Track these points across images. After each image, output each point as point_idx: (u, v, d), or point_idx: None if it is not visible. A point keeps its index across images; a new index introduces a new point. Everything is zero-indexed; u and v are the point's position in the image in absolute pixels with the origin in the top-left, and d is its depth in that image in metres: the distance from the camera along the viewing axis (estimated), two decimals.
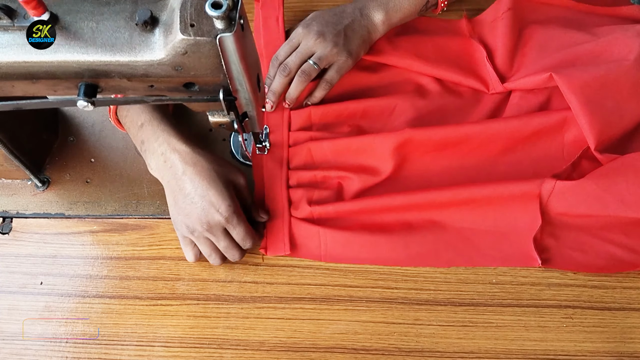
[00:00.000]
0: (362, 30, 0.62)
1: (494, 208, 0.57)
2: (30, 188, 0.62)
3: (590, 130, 0.56)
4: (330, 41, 0.60)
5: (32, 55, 0.40)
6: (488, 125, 0.59)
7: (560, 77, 0.56)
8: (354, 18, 0.62)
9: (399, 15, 0.64)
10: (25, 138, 0.59)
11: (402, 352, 0.53)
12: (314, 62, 0.60)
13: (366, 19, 0.63)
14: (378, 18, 0.63)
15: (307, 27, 0.61)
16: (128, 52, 0.40)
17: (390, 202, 0.57)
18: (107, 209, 0.61)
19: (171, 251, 0.58)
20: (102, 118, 0.66)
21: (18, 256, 0.58)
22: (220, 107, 0.45)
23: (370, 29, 0.63)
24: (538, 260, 0.55)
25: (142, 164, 0.63)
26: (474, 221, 0.57)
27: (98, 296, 0.56)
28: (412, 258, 0.57)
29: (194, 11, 0.38)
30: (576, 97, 0.55)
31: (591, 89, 0.56)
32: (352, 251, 0.57)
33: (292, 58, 0.61)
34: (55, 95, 0.45)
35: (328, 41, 0.60)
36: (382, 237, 0.57)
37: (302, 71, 0.60)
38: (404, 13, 0.64)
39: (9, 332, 0.55)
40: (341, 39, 0.61)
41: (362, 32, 0.62)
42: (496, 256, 0.56)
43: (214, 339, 0.54)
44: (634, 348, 0.53)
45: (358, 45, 0.62)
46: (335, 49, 0.60)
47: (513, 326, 0.54)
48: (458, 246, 0.57)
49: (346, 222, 0.58)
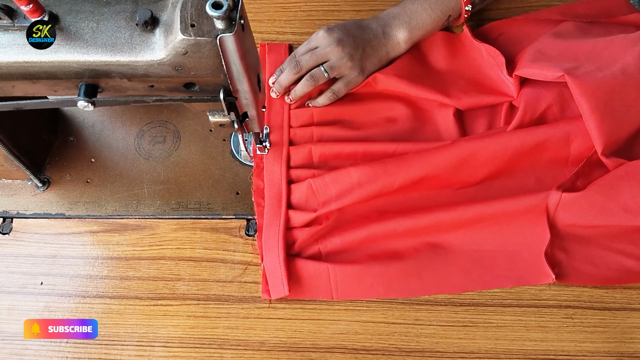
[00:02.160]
0: (381, 50, 0.62)
1: (501, 226, 0.56)
2: (30, 188, 0.62)
3: (599, 135, 0.55)
4: (347, 53, 0.59)
5: (32, 55, 0.40)
6: (492, 141, 0.58)
7: (572, 79, 0.55)
8: (376, 35, 0.61)
9: (421, 32, 0.63)
10: (25, 138, 0.59)
11: (403, 352, 0.53)
12: (324, 70, 0.59)
13: (388, 38, 0.62)
14: (401, 37, 0.62)
15: (329, 31, 0.60)
16: (128, 52, 0.40)
17: (397, 226, 0.56)
18: (108, 209, 0.61)
19: (171, 251, 0.58)
20: (102, 118, 0.66)
21: (18, 256, 0.58)
22: (221, 107, 0.45)
23: (389, 49, 0.62)
24: (552, 276, 0.54)
25: (142, 164, 0.63)
26: (483, 242, 0.56)
27: (98, 296, 0.56)
28: (425, 287, 0.55)
29: (194, 11, 0.38)
30: (587, 100, 0.55)
31: (601, 92, 0.55)
32: (365, 285, 0.55)
33: (306, 57, 0.60)
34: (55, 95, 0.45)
35: (345, 52, 0.59)
36: (394, 266, 0.55)
37: (312, 75, 0.60)
38: (426, 30, 0.63)
39: (9, 332, 0.55)
40: (358, 53, 0.60)
41: (381, 52, 0.62)
42: (509, 276, 0.55)
43: (214, 339, 0.54)
44: (634, 348, 0.53)
45: (373, 64, 0.62)
46: (349, 62, 0.59)
47: (513, 326, 0.54)
48: (470, 270, 0.56)
49: (355, 254, 0.56)
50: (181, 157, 0.64)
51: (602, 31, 0.63)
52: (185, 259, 0.58)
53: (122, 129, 0.65)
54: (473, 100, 0.62)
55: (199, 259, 0.58)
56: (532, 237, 0.56)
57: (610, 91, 0.55)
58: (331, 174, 0.58)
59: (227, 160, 0.63)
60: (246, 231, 0.59)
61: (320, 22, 0.71)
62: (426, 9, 0.62)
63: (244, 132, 0.52)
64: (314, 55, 0.60)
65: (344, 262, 0.55)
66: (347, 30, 0.60)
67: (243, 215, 0.60)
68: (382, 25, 0.62)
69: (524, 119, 0.60)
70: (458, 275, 0.56)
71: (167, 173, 0.63)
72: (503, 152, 0.58)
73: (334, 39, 0.59)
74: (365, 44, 0.61)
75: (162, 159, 0.63)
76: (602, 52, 0.58)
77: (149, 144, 0.64)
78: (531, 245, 0.55)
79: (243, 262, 0.57)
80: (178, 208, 0.60)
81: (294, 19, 0.72)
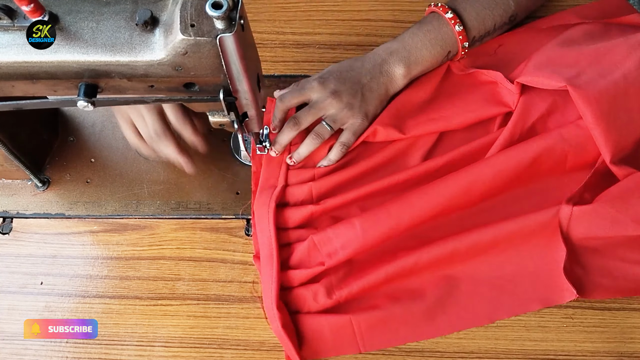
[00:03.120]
0: (380, 89, 0.60)
1: (518, 248, 0.55)
2: (30, 188, 0.62)
3: (606, 143, 0.54)
4: (346, 102, 0.57)
5: (32, 55, 0.40)
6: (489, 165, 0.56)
7: (574, 89, 0.54)
8: (373, 76, 0.59)
9: (420, 68, 0.61)
10: (25, 138, 0.59)
11: (402, 352, 0.53)
12: (327, 124, 0.57)
13: (386, 75, 0.60)
14: (399, 73, 0.60)
15: (323, 83, 0.57)
16: (128, 52, 0.40)
17: (412, 262, 0.54)
18: (107, 209, 0.61)
19: (171, 251, 0.58)
20: (102, 118, 0.66)
21: (18, 256, 0.58)
22: (221, 107, 0.45)
23: (388, 86, 0.60)
24: (574, 292, 0.52)
25: (142, 164, 0.63)
26: (503, 267, 0.55)
27: (98, 296, 0.56)
28: (453, 324, 0.54)
29: (194, 11, 0.38)
30: (591, 110, 0.54)
31: (605, 101, 0.54)
32: (391, 331, 0.53)
33: (303, 113, 0.57)
34: (55, 95, 0.45)
35: (344, 102, 0.57)
36: (417, 306, 0.54)
37: (316, 133, 0.57)
38: (424, 65, 0.61)
39: (9, 332, 0.55)
40: (357, 100, 0.58)
41: (380, 91, 0.60)
42: (534, 298, 0.54)
43: (214, 339, 0.54)
44: (634, 348, 0.53)
45: (375, 106, 0.60)
46: (350, 111, 0.57)
47: (513, 326, 0.54)
48: (495, 298, 0.54)
49: (374, 298, 0.54)
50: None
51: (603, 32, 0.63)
52: (185, 259, 0.58)
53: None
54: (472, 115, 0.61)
55: (199, 259, 0.58)
56: (549, 254, 0.54)
57: (613, 99, 0.54)
58: (333, 228, 0.55)
59: (227, 160, 0.63)
60: (246, 231, 0.59)
61: (320, 22, 0.71)
62: (426, 44, 0.60)
63: (243, 132, 0.52)
64: (311, 109, 0.57)
65: (365, 309, 0.53)
66: (341, 78, 0.58)
67: (243, 215, 0.60)
68: (378, 64, 0.60)
69: (514, 129, 0.58)
70: (483, 305, 0.54)
71: (167, 173, 0.63)
72: (503, 173, 0.56)
73: (329, 91, 0.57)
74: (363, 88, 0.58)
75: (162, 158, 0.63)
76: (604, 57, 0.57)
77: None
78: (549, 263, 0.54)
79: (243, 262, 0.57)
80: (178, 208, 0.60)
81: (294, 19, 0.72)
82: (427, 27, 0.61)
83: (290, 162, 0.59)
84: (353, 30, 0.71)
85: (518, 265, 0.55)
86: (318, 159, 0.60)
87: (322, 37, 0.70)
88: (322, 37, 0.70)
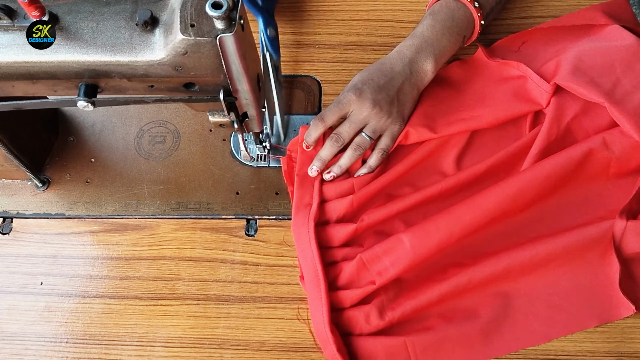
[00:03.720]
0: (413, 91, 0.60)
1: (571, 263, 0.54)
2: (30, 188, 0.62)
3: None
4: (386, 111, 0.57)
5: (32, 55, 0.40)
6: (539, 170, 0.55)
7: (614, 106, 0.54)
8: (405, 78, 0.59)
9: (445, 59, 0.61)
10: (25, 138, 0.59)
11: None
12: (367, 135, 0.57)
13: (416, 75, 0.59)
14: (428, 69, 0.60)
15: (360, 95, 0.56)
16: (128, 52, 0.40)
17: (465, 280, 0.53)
18: (107, 209, 0.61)
19: (171, 251, 0.58)
20: (102, 118, 0.66)
21: (18, 256, 0.58)
22: (221, 107, 0.45)
23: (419, 85, 0.60)
24: (632, 307, 0.52)
25: (142, 164, 0.63)
26: (557, 284, 0.54)
27: (98, 296, 0.56)
28: (508, 344, 0.52)
29: (194, 11, 0.38)
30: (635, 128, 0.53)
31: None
32: (447, 353, 0.52)
33: (345, 128, 0.58)
34: (55, 95, 0.45)
35: (383, 111, 0.57)
36: (472, 326, 0.52)
37: (358, 145, 0.58)
38: (447, 56, 0.61)
39: (9, 332, 0.55)
40: (395, 106, 0.58)
41: (413, 92, 0.60)
42: (591, 315, 0.53)
43: (214, 339, 0.54)
44: (634, 348, 0.53)
45: (410, 108, 0.60)
46: (389, 119, 0.58)
47: None
48: (551, 317, 0.53)
49: (428, 319, 0.53)
50: (181, 157, 0.64)
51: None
52: (185, 259, 0.58)
53: (122, 129, 0.65)
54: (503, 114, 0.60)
55: (199, 259, 0.58)
56: (603, 269, 0.54)
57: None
58: (381, 245, 0.54)
59: (227, 160, 0.63)
60: (246, 231, 0.59)
61: (320, 22, 0.71)
62: (445, 34, 0.60)
63: (243, 132, 0.52)
64: (352, 124, 0.57)
65: (419, 331, 0.52)
66: (376, 85, 0.57)
67: (243, 215, 0.60)
68: (408, 64, 0.59)
69: (551, 130, 0.58)
70: (539, 324, 0.53)
71: (167, 173, 0.63)
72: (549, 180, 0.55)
73: (369, 103, 0.56)
74: (398, 93, 0.58)
75: (162, 159, 0.63)
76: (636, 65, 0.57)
77: (148, 144, 0.64)
78: (604, 278, 0.54)
79: (243, 262, 0.57)
80: (178, 208, 0.61)
81: (294, 19, 0.72)
82: (440, 16, 0.61)
83: (328, 177, 0.58)
84: (353, 30, 0.71)
85: (572, 281, 0.54)
86: (354, 169, 0.60)
87: (322, 37, 0.70)
88: (322, 37, 0.70)
